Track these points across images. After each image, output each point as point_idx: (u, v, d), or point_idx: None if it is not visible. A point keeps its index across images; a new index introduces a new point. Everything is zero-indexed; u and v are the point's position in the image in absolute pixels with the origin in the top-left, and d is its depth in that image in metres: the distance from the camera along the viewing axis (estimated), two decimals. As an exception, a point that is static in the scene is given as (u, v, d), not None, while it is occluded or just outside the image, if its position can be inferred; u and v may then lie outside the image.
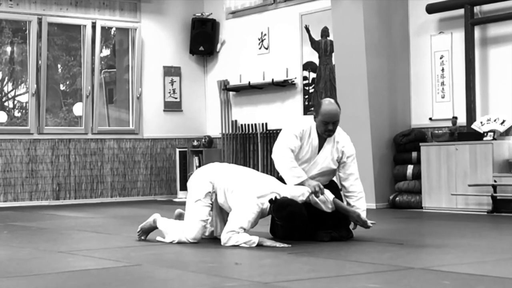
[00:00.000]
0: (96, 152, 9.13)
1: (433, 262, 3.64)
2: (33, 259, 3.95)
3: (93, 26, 9.05)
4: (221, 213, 4.51)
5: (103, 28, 9.24)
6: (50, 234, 5.27)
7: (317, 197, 4.24)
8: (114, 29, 9.67)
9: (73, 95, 9.64)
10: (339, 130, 4.52)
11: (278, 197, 4.17)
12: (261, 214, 4.26)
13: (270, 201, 4.17)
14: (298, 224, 4.18)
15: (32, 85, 8.71)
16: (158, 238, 4.54)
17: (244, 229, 4.18)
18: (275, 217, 4.31)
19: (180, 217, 4.69)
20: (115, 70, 10.00)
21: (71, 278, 3.31)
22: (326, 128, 4.38)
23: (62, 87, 9.89)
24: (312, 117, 4.51)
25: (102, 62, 9.61)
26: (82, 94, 9.12)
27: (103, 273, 3.41)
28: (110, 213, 7.25)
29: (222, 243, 4.20)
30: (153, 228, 4.60)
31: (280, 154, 4.40)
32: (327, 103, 4.42)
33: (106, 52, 9.98)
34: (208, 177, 4.42)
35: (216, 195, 4.39)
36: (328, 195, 4.32)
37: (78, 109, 9.38)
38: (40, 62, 8.74)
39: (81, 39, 9.14)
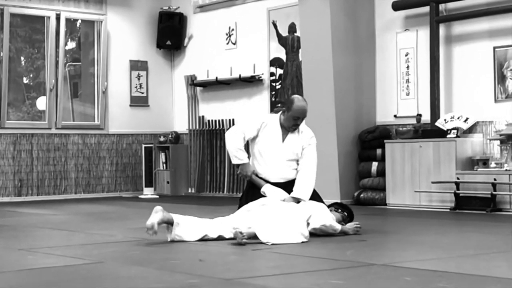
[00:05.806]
0: (59, 148, 8.98)
1: (395, 259, 3.67)
2: (-8, 256, 3.87)
3: (58, 18, 8.90)
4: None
5: (67, 20, 9.09)
6: (10, 232, 5.18)
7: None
8: (79, 21, 9.53)
9: (36, 88, 9.47)
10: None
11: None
12: None
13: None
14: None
15: (-6, 78, 8.54)
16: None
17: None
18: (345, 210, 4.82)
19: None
20: (80, 63, 9.85)
21: (31, 276, 3.25)
22: (295, 123, 4.77)
23: (25, 80, 9.70)
24: (271, 114, 4.90)
25: (67, 55, 9.46)
26: (46, 88, 8.97)
27: (64, 271, 3.35)
28: (73, 210, 7.15)
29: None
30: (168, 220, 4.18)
31: (232, 135, 4.81)
32: (298, 100, 4.79)
33: (71, 45, 9.83)
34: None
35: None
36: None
37: (41, 103, 9.22)
38: (1, 54, 8.56)
39: (45, 31, 8.97)
